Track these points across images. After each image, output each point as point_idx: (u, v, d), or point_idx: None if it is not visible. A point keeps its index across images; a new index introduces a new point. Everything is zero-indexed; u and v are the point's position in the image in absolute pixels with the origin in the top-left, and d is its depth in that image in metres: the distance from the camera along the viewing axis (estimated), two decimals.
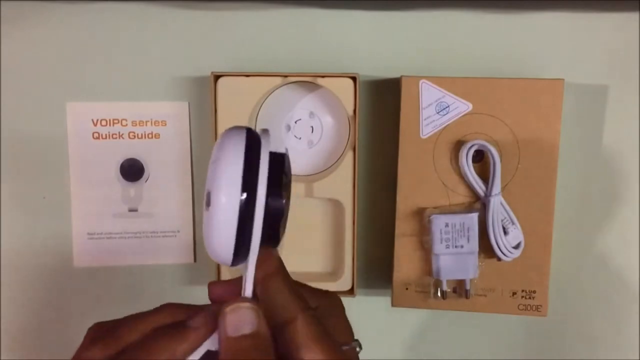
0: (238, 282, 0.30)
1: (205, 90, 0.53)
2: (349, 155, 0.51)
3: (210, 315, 0.29)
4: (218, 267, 0.52)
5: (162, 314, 0.30)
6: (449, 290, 0.50)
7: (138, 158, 0.54)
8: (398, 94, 0.50)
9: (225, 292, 0.31)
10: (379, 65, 0.53)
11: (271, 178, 0.27)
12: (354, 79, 0.50)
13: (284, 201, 0.28)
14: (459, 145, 0.49)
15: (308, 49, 0.53)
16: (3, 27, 0.53)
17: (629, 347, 0.56)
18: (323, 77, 0.50)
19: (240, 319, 0.27)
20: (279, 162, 0.28)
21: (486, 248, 0.49)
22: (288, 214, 0.29)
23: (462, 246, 0.48)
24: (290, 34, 0.53)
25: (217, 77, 0.51)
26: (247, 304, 0.28)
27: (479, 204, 0.49)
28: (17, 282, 0.55)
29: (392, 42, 0.53)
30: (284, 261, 0.30)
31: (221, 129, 0.51)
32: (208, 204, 0.27)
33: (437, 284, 0.50)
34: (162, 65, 0.54)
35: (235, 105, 0.51)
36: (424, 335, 0.57)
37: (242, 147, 0.28)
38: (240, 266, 0.29)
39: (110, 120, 0.54)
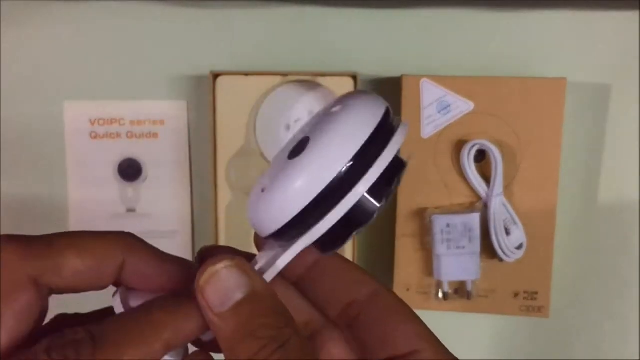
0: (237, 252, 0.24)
1: (204, 90, 0.53)
2: None
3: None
4: None
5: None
6: (450, 291, 0.50)
7: (136, 158, 0.54)
8: (399, 93, 0.49)
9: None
10: (379, 64, 0.53)
11: (384, 174, 0.21)
12: (354, 78, 0.49)
13: (376, 210, 0.22)
14: (460, 144, 0.48)
15: (308, 47, 0.53)
16: (2, 26, 0.52)
17: (630, 348, 0.55)
18: (323, 76, 0.50)
19: (224, 286, 0.20)
20: (398, 166, 0.22)
21: (488, 249, 0.48)
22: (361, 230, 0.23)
23: (463, 247, 0.48)
24: (290, 33, 0.53)
25: (216, 76, 0.50)
26: (223, 263, 0.21)
27: (481, 204, 0.49)
28: None
29: (393, 40, 0.53)
30: None
31: (220, 128, 0.51)
32: (297, 151, 0.22)
33: (439, 285, 0.50)
34: (160, 64, 0.53)
35: (235, 105, 0.50)
36: None
37: (377, 119, 0.22)
38: (267, 248, 0.23)
39: (108, 119, 0.54)
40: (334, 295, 0.23)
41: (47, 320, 0.22)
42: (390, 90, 0.52)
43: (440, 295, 0.50)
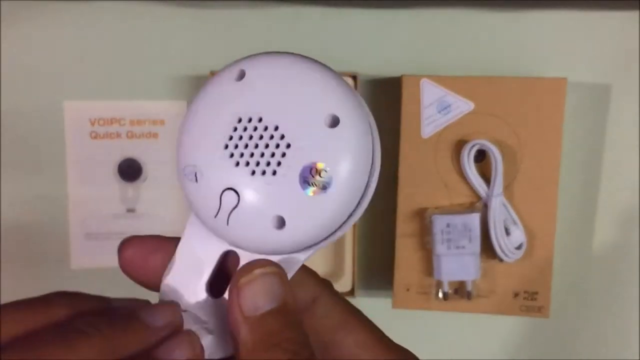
0: (163, 240, 0.23)
1: None
2: None
3: (174, 306, 0.20)
4: None
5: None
6: (450, 291, 0.50)
7: (136, 158, 0.54)
8: (399, 93, 0.49)
9: (142, 252, 0.22)
10: (379, 64, 0.53)
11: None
12: (354, 78, 0.49)
13: None
14: (460, 144, 0.48)
15: (307, 47, 0.52)
16: (2, 26, 0.52)
17: (630, 348, 0.55)
18: None
19: (261, 291, 0.20)
20: None
21: (488, 249, 0.48)
22: None
23: (463, 247, 0.48)
24: (290, 33, 0.53)
25: None
26: (268, 268, 0.20)
27: (481, 204, 0.49)
28: (14, 284, 0.55)
29: (393, 40, 0.53)
30: None
31: None
32: (323, 185, 0.20)
33: (439, 285, 0.50)
34: (160, 64, 0.53)
35: None
36: (426, 337, 0.56)
37: (367, 113, 0.21)
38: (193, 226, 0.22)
39: (108, 119, 0.54)
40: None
41: None
42: (390, 90, 0.52)
43: (440, 295, 0.50)
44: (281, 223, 0.20)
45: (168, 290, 0.22)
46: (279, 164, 0.20)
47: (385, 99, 0.53)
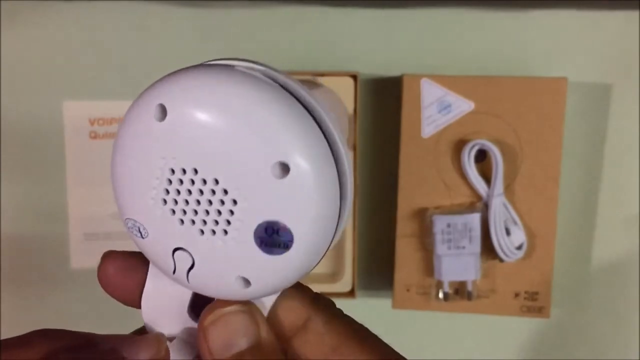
0: (138, 259, 0.21)
1: None
2: (349, 155, 0.50)
3: (154, 339, 0.20)
4: None
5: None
6: (450, 291, 0.50)
7: None
8: (399, 93, 0.49)
9: (120, 269, 0.21)
10: (379, 64, 0.53)
11: None
12: (354, 77, 0.49)
13: None
14: (460, 144, 0.48)
15: (307, 47, 0.53)
16: (2, 26, 0.52)
17: (630, 348, 0.55)
18: (323, 75, 0.49)
19: (230, 331, 0.19)
20: None
21: (488, 249, 0.48)
22: None
23: (464, 247, 0.48)
24: (290, 32, 0.53)
25: None
26: (234, 307, 0.19)
27: (481, 205, 0.49)
28: (13, 284, 0.55)
29: (393, 40, 0.53)
30: None
31: None
32: (284, 244, 0.17)
33: (439, 285, 0.49)
34: (160, 63, 0.53)
35: None
36: (426, 338, 0.56)
37: (336, 139, 0.18)
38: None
39: (108, 119, 0.54)
40: (279, 318, 0.20)
41: None
42: (390, 90, 0.52)
43: (441, 295, 0.49)
44: (246, 283, 0.18)
45: (150, 314, 0.21)
46: (228, 222, 0.17)
47: (386, 99, 0.53)
